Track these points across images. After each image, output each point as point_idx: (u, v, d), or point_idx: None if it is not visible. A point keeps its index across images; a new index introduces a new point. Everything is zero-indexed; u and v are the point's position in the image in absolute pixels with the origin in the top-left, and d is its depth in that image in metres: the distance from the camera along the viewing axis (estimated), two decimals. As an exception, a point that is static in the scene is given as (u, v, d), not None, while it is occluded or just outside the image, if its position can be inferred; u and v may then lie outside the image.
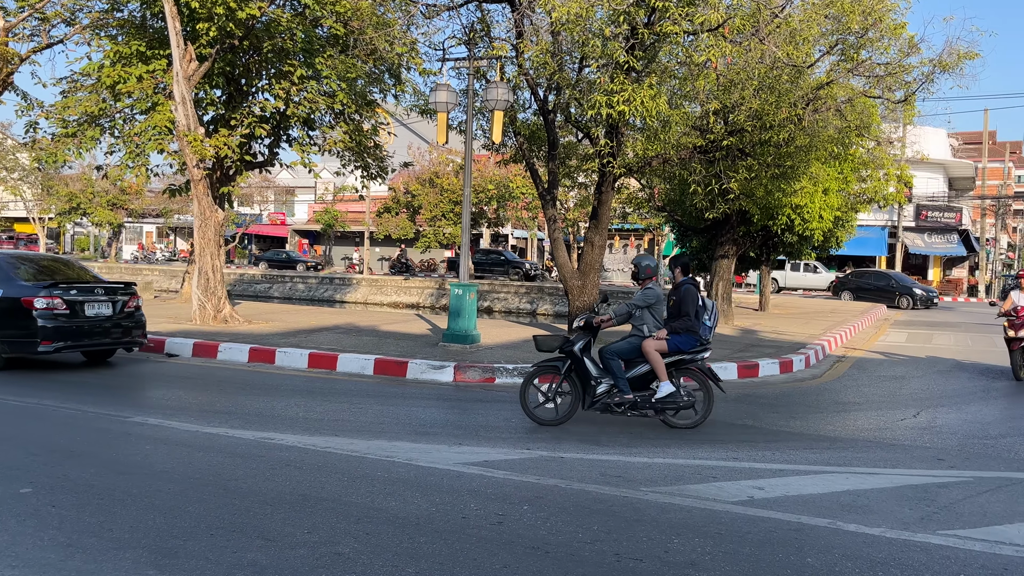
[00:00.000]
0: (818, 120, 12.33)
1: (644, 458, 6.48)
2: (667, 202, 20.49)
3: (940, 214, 45.37)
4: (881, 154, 19.66)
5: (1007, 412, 9.30)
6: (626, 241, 50.21)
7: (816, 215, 17.26)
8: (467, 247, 13.60)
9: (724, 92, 12.33)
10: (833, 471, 6.14)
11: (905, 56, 11.83)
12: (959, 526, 4.83)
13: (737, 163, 13.24)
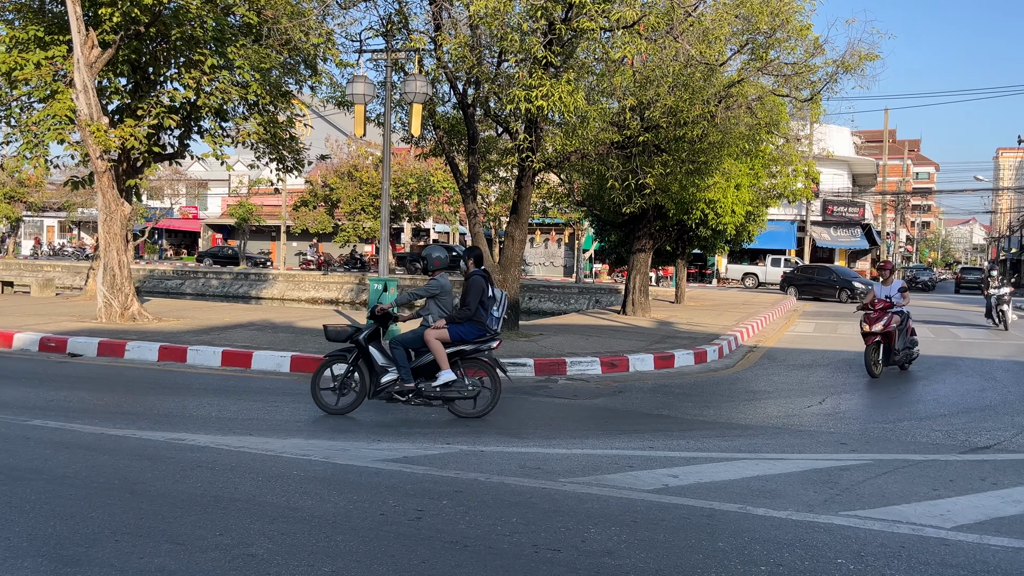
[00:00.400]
0: (730, 117, 12.68)
1: (563, 449, 6.55)
2: (586, 197, 20.75)
3: (845, 209, 47.38)
4: (790, 151, 20.39)
5: (904, 398, 9.79)
6: (547, 235, 50.62)
7: (729, 210, 17.77)
8: (387, 241, 13.46)
9: (640, 89, 12.54)
10: (744, 458, 6.34)
11: (810, 56, 12.29)
12: (860, 507, 5.05)
13: (653, 159, 13.50)
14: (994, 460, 6.46)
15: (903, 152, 78.90)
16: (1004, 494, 5.43)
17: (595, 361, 11.27)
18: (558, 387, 10.05)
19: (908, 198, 74.23)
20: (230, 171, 15.82)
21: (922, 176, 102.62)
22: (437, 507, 4.89)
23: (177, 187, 51.37)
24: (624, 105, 12.69)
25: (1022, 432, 7.58)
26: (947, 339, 16.78)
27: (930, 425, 7.91)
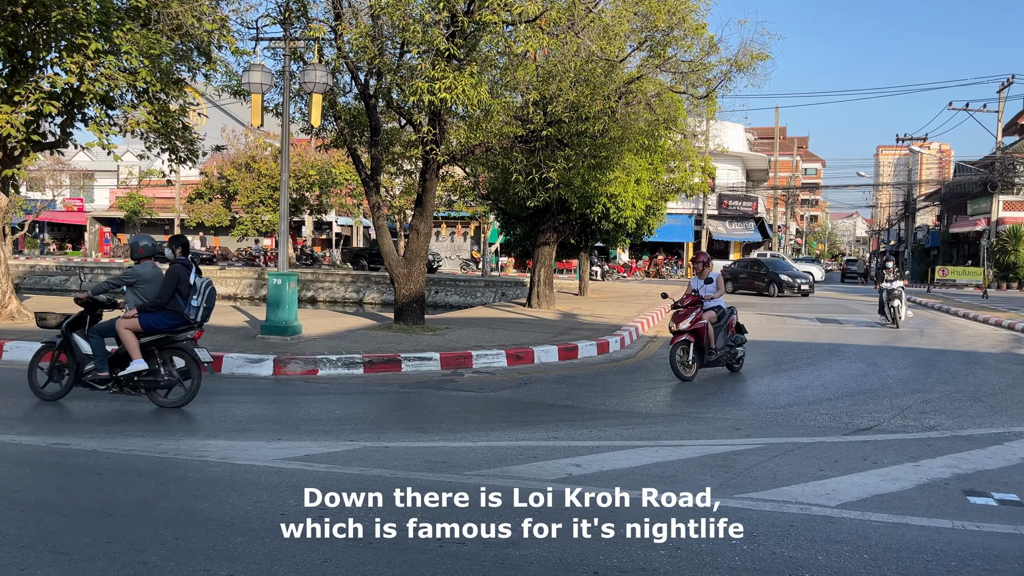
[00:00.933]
0: (630, 113, 12.94)
1: (469, 443, 6.56)
2: (491, 190, 20.78)
3: (739, 203, 49.20)
4: (687, 146, 20.98)
5: (794, 383, 10.24)
6: (453, 229, 50.50)
7: (629, 204, 18.15)
8: (286, 234, 13.12)
9: (543, 83, 12.65)
10: (645, 445, 6.50)
11: (706, 55, 12.68)
12: (753, 489, 5.27)
13: (556, 153, 13.65)
14: (875, 440, 6.85)
15: (793, 149, 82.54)
16: (884, 472, 5.76)
17: (501, 354, 11.33)
18: (464, 380, 10.05)
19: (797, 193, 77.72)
20: (118, 161, 15.02)
21: (810, 172, 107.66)
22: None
23: (60, 178, 48.52)
24: (527, 99, 12.77)
25: (900, 414, 8.07)
26: (833, 326, 17.68)
27: (817, 409, 8.32)
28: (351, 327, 14.33)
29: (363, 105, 13.72)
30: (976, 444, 6.71)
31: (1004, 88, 41.58)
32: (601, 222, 20.93)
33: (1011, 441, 6.85)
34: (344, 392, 9.11)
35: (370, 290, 34.44)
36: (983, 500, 5.11)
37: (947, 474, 5.73)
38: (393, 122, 15.50)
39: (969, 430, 7.32)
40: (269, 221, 36.18)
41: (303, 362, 10.36)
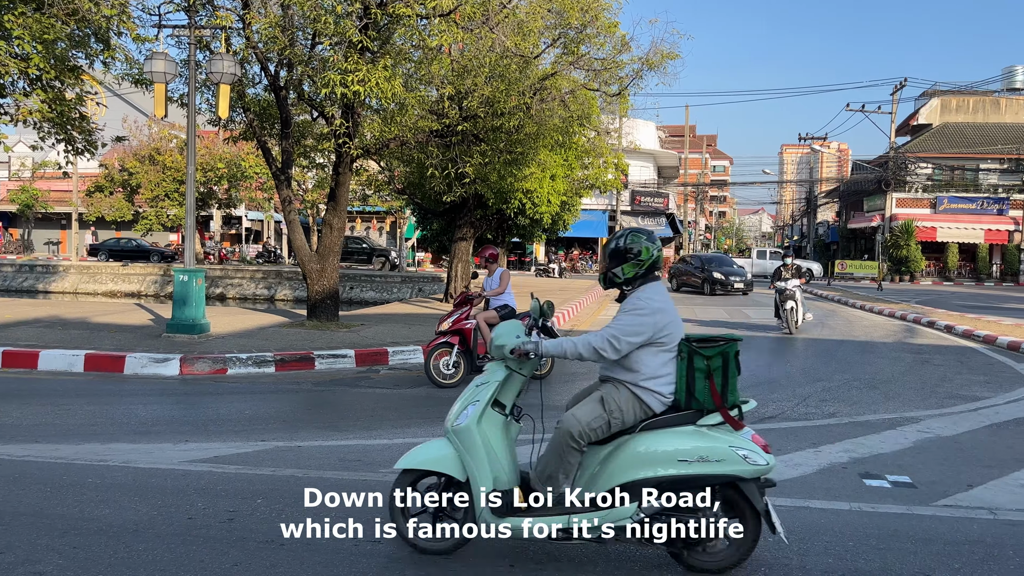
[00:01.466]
0: (545, 109, 13.04)
1: (385, 440, 6.50)
2: (407, 185, 20.60)
3: (651, 199, 50.29)
4: (601, 143, 21.28)
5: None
6: (368, 223, 49.86)
7: (545, 199, 18.30)
8: (192, 229, 12.68)
9: (458, 78, 12.61)
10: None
11: (618, 53, 12.90)
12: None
13: (472, 148, 13.63)
14: (779, 428, 7.12)
15: (702, 147, 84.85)
16: (787, 459, 5.99)
17: (417, 350, 11.25)
18: (380, 377, 9.95)
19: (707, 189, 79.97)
20: (8, 152, 14.20)
21: (718, 169, 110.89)
22: (250, 507, 4.70)
23: (-56, 169, 45.57)
24: (443, 93, 12.71)
25: (803, 402, 8.41)
26: (741, 319, 18.28)
27: (726, 399, 8.58)
28: (262, 324, 13.97)
29: (273, 97, 13.39)
30: (872, 429, 7.06)
31: (897, 91, 43.81)
32: (517, 217, 21.03)
33: (903, 426, 7.24)
34: (255, 391, 8.88)
35: (282, 286, 33.67)
36: (878, 482, 5.39)
37: (845, 458, 6.01)
38: (305, 114, 15.18)
39: (865, 416, 7.69)
40: (175, 216, 34.84)
41: (211, 361, 10.04)
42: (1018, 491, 5.24)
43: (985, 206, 44.95)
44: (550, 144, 15.42)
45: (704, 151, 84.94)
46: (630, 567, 3.92)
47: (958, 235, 44.39)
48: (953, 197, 45.26)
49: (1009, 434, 7.03)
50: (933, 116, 51.98)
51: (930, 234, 43.89)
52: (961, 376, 10.34)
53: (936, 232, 44.03)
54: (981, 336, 14.53)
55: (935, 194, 45.68)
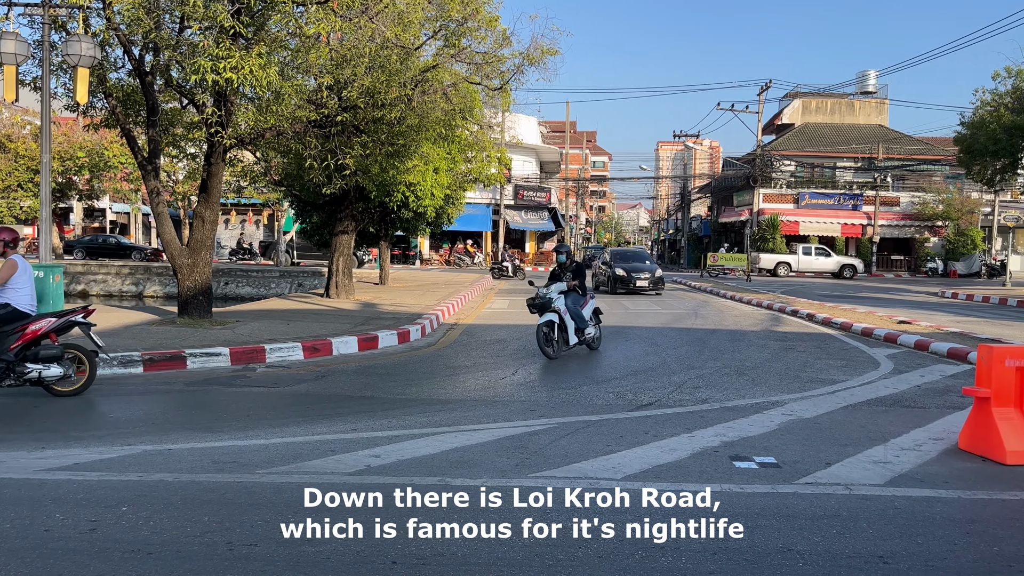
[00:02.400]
0: (427, 101, 12.94)
1: (261, 440, 6.28)
2: (285, 176, 19.99)
3: (534, 193, 50.93)
4: (484, 137, 21.37)
5: (586, 365, 10.77)
6: (244, 216, 48.06)
7: (428, 192, 18.20)
8: (48, 222, 11.85)
9: (337, 67, 12.30)
10: (443, 431, 6.56)
11: (500, 47, 12.95)
12: (547, 467, 5.48)
13: (352, 139, 13.36)
14: (655, 415, 7.37)
15: (583, 142, 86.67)
16: (663, 444, 6.21)
17: (297, 346, 10.96)
18: (257, 375, 9.62)
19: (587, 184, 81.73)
20: None
21: (598, 165, 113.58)
22: (115, 515, 4.44)
23: None
24: (321, 83, 12.39)
25: (678, 389, 8.74)
26: (619, 310, 18.80)
27: (605, 388, 8.81)
28: (129, 322, 13.23)
29: (138, 82, 12.67)
30: (741, 414, 7.42)
31: (763, 91, 46.13)
32: (401, 210, 20.84)
33: (769, 409, 7.64)
34: (121, 393, 8.40)
35: (151, 282, 32.04)
36: (746, 464, 5.66)
37: (716, 442, 6.28)
38: (174, 102, 14.45)
39: (735, 401, 8.07)
40: (29, 207, 32.42)
41: (72, 362, 9.40)
42: (871, 467, 5.63)
43: (842, 202, 48.10)
44: (432, 137, 15.33)
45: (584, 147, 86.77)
46: (521, 563, 3.95)
47: (818, 229, 47.31)
48: (814, 193, 48.18)
49: (862, 414, 7.55)
50: (795, 116, 55.12)
51: (793, 228, 46.58)
52: (821, 361, 11.01)
53: (799, 226, 46.77)
54: (838, 323, 15.54)
55: (798, 190, 48.49)
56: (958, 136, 27.16)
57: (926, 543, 4.19)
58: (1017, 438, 5.71)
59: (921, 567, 3.88)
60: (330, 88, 12.60)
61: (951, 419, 7.28)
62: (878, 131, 52.52)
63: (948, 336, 13.34)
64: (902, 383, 9.34)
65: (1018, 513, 4.75)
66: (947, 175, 48.93)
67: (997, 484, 5.29)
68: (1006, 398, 5.83)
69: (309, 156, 13.40)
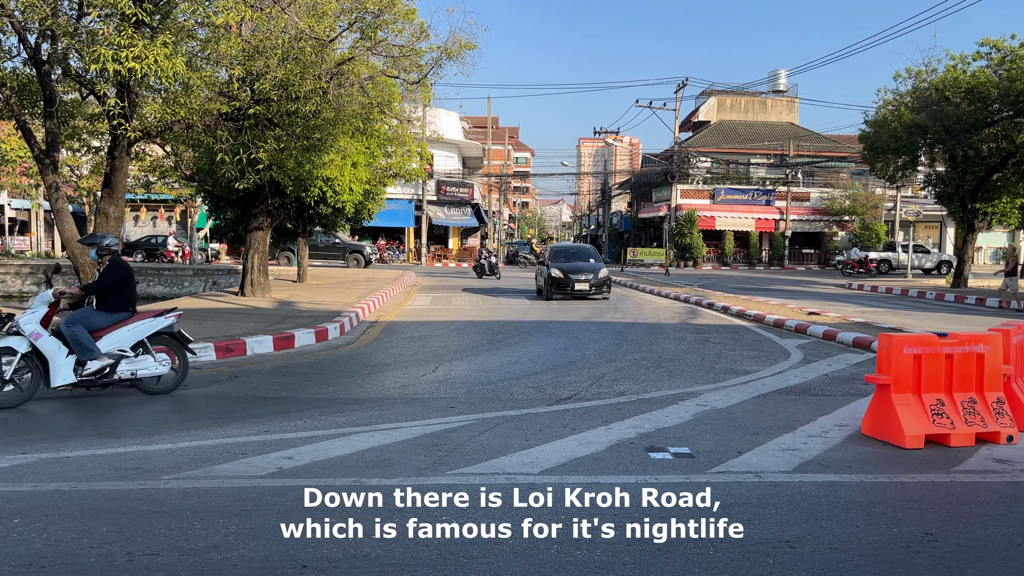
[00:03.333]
0: (343, 95, 12.69)
1: (168, 444, 6.04)
2: (197, 171, 19.33)
3: (457, 189, 50.75)
4: (403, 132, 21.11)
5: (506, 359, 10.76)
6: (155, 212, 46.36)
7: (347, 188, 17.87)
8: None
9: (249, 59, 11.96)
10: (360, 431, 6.44)
11: (417, 40, 12.81)
12: (465, 464, 5.44)
13: (266, 133, 13.01)
14: (574, 408, 7.42)
15: (505, 138, 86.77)
16: (581, 437, 6.25)
17: (209, 347, 10.60)
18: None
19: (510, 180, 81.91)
20: None
21: (521, 160, 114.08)
22: (5, 528, 4.18)
23: None
24: (232, 75, 12.01)
25: (596, 382, 8.82)
26: (541, 305, 18.90)
27: (525, 382, 8.82)
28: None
29: (34, 72, 12.02)
30: (657, 405, 7.54)
31: (680, 89, 47.12)
32: (319, 206, 20.42)
33: (684, 400, 7.79)
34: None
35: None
36: (661, 455, 5.75)
37: (633, 434, 6.36)
38: (75, 92, 13.77)
39: (651, 393, 8.20)
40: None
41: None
42: (780, 455, 5.79)
43: (755, 197, 49.59)
44: (350, 131, 15.06)
45: (507, 143, 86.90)
46: (435, 562, 3.90)
47: (733, 224, 48.68)
48: (729, 189, 49.53)
49: (773, 403, 7.77)
50: (711, 114, 56.52)
51: (710, 223, 47.77)
52: (735, 352, 11.31)
53: (715, 221, 48.00)
54: (752, 315, 16.00)
55: (714, 186, 49.76)
56: (863, 134, 28.31)
57: (830, 527, 4.32)
58: (915, 422, 5.97)
59: (825, 550, 4.00)
60: (242, 80, 12.25)
61: (855, 406, 7.57)
62: (789, 129, 54.35)
63: (854, 326, 13.89)
64: (811, 372, 9.67)
65: (916, 495, 4.96)
66: (853, 171, 51.05)
67: (897, 467, 5.52)
68: (905, 384, 6.08)
69: (220, 150, 12.98)
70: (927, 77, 26.38)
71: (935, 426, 5.99)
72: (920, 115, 25.11)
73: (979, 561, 3.87)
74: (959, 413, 6.06)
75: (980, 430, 6.05)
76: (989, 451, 5.95)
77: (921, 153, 27.21)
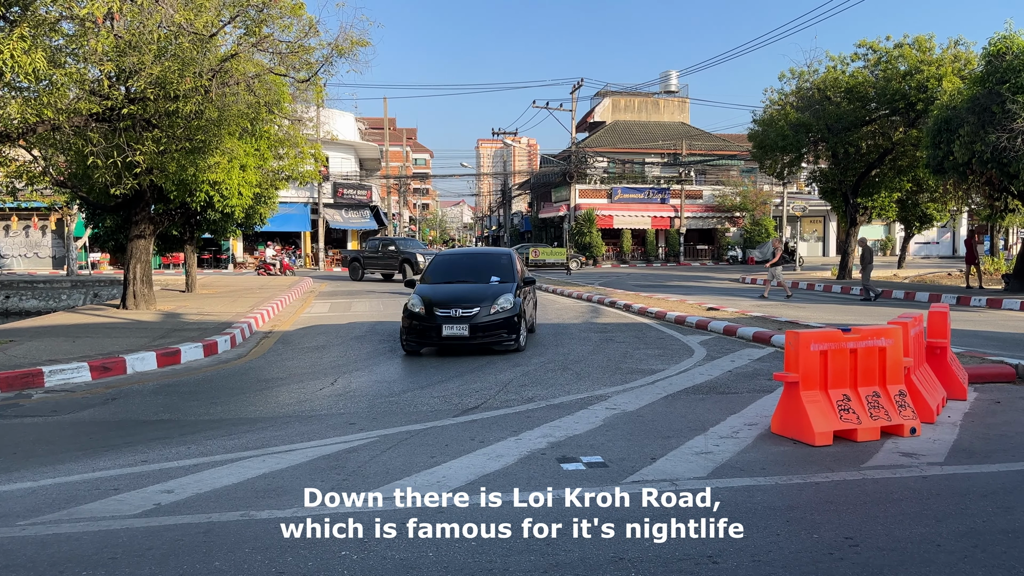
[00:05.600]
0: (227, 93, 11.98)
1: (29, 483, 5.37)
2: (69, 176, 17.97)
3: (354, 191, 49.63)
4: (295, 133, 20.29)
5: (409, 369, 10.35)
6: (27, 221, 43.31)
7: (235, 192, 17.01)
8: None
9: (120, 55, 11.08)
10: (250, 456, 5.92)
11: (306, 36, 12.19)
12: (366, 488, 5.03)
13: (143, 134, 12.13)
14: (482, 419, 7.10)
15: (403, 140, 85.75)
16: (490, 451, 5.94)
17: (83, 367, 9.73)
18: (32, 403, 8.40)
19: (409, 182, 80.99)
20: None
21: (420, 162, 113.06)
22: None
23: None
24: (103, 71, 11.11)
25: (504, 389, 8.53)
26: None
27: (430, 392, 8.45)
28: None
29: None
30: (566, 411, 7.31)
31: (575, 90, 47.60)
32: (207, 211, 19.37)
33: (594, 404, 7.60)
34: None
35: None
36: (574, 466, 5.50)
37: (543, 444, 6.10)
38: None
39: (560, 398, 7.98)
40: None
41: None
42: (693, 459, 5.64)
43: (651, 196, 50.67)
44: (237, 132, 14.29)
45: (405, 144, 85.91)
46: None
47: (631, 222, 49.59)
48: (625, 188, 50.41)
49: (682, 404, 7.68)
50: (606, 114, 57.42)
51: (608, 222, 48.50)
52: (640, 351, 11.26)
53: (613, 220, 48.77)
54: (653, 312, 16.11)
55: (611, 185, 50.53)
56: (751, 133, 29.21)
57: (750, 536, 4.16)
58: (824, 420, 5.94)
59: (749, 563, 3.82)
60: (114, 78, 11.36)
61: (762, 403, 7.56)
62: (681, 128, 55.82)
63: (752, 321, 14.15)
64: (715, 369, 9.69)
65: (831, 496, 4.89)
66: (743, 169, 52.88)
67: (810, 467, 5.46)
68: (813, 381, 6.06)
69: (92, 153, 12.01)
70: (809, 77, 27.45)
71: (842, 422, 5.99)
72: (804, 114, 26.08)
73: (902, 565, 3.78)
74: (864, 407, 6.08)
75: (885, 423, 6.09)
76: (895, 444, 5.99)
77: (806, 150, 28.29)
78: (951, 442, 6.10)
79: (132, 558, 3.96)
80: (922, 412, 6.49)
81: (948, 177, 20.31)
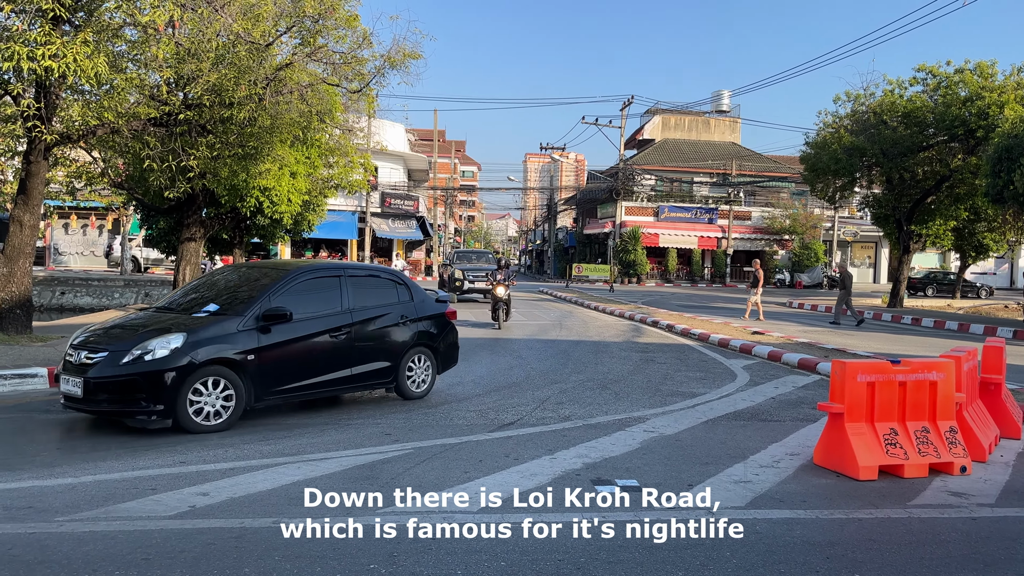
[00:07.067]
0: (281, 102, 12.17)
1: (70, 479, 5.46)
2: (126, 178, 18.44)
3: (402, 202, 50.11)
4: (346, 142, 20.56)
5: (447, 381, 10.30)
6: (85, 220, 44.59)
7: (285, 198, 17.26)
8: None
9: (180, 62, 11.35)
10: (286, 462, 5.95)
11: (359, 48, 12.34)
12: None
13: (198, 140, 12.38)
14: (517, 435, 7.04)
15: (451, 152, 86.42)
16: (524, 468, 5.88)
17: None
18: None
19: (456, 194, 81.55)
20: None
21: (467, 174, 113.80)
22: None
23: None
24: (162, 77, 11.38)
25: (541, 406, 8.47)
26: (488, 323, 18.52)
27: (467, 406, 8.42)
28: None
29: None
30: (603, 431, 7.22)
31: (625, 107, 47.48)
32: (256, 217, 19.68)
33: (631, 426, 7.49)
34: None
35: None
36: (609, 488, 5.40)
37: (579, 464, 6.01)
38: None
39: (598, 418, 7.88)
40: None
41: None
42: (732, 487, 5.51)
43: (698, 215, 50.18)
44: (288, 139, 14.50)
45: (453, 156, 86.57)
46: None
47: (677, 241, 49.13)
48: (672, 206, 50.01)
49: (722, 430, 7.52)
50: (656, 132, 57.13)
51: (653, 240, 48.13)
52: (681, 373, 11.10)
53: (659, 238, 48.38)
54: (696, 334, 15.89)
55: (658, 203, 50.19)
56: (803, 155, 28.76)
57: (788, 572, 4.03)
58: (869, 453, 5.76)
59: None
60: (172, 84, 11.62)
61: (805, 432, 7.37)
62: (731, 148, 55.25)
63: (798, 347, 13.86)
64: (758, 395, 9.49)
65: (874, 533, 4.72)
66: (793, 191, 52.07)
67: (853, 502, 5.29)
68: (859, 413, 5.88)
69: (149, 156, 12.29)
70: (865, 101, 26.95)
71: (889, 456, 5.80)
72: (859, 138, 25.59)
73: (947, 612, 3.62)
74: (912, 443, 5.87)
75: (934, 460, 5.88)
76: (943, 483, 5.78)
77: (859, 175, 27.75)
78: (1003, 483, 5.87)
79: (164, 560, 3.98)
80: (973, 450, 6.26)
81: (1008, 207, 19.73)
